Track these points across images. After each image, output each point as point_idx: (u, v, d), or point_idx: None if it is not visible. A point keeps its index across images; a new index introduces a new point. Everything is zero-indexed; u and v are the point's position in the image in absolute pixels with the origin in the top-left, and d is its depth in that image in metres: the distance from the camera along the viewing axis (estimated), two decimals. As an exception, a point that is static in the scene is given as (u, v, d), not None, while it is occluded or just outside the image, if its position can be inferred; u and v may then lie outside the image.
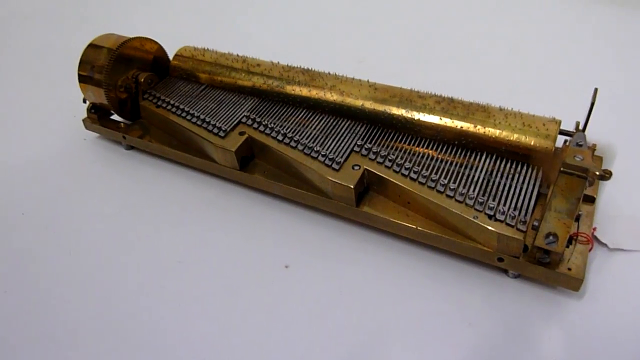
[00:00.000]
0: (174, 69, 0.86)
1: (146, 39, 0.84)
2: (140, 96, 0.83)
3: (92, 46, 0.82)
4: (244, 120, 0.74)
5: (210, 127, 0.73)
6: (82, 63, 0.81)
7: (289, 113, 0.74)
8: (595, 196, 0.62)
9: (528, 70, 0.96)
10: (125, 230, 0.70)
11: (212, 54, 0.84)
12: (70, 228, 0.71)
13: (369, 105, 0.71)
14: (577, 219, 0.60)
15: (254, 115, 0.74)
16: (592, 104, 0.61)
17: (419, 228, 0.60)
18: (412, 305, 0.57)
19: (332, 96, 0.73)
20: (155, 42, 0.85)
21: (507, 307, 0.56)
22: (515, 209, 0.56)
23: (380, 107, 0.70)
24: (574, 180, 0.47)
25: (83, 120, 0.86)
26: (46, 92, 1.05)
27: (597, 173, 0.47)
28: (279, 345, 0.54)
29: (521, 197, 0.57)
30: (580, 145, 0.52)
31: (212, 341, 0.55)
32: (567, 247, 0.57)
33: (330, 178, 0.63)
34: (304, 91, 0.74)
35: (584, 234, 0.57)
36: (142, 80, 0.82)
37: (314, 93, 0.74)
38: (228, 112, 0.76)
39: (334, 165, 0.64)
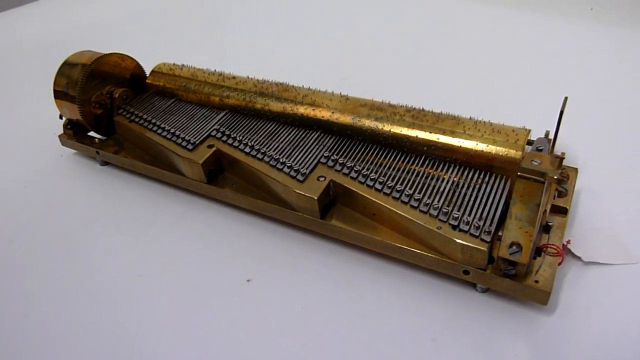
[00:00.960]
0: (151, 85, 0.87)
1: (122, 55, 0.85)
2: (115, 111, 0.83)
3: (67, 63, 0.83)
4: (213, 133, 0.74)
5: (179, 141, 0.73)
6: (57, 79, 0.82)
7: (259, 126, 0.74)
8: (567, 207, 0.61)
9: (508, 85, 0.95)
10: (91, 244, 0.70)
11: (188, 70, 0.86)
12: (39, 241, 0.71)
13: (338, 116, 0.70)
14: (548, 231, 0.59)
15: (223, 129, 0.74)
16: (562, 113, 0.60)
17: (384, 240, 0.59)
18: (376, 321, 0.55)
19: (302, 108, 0.73)
20: (132, 59, 0.87)
21: (474, 322, 0.54)
22: (480, 218, 0.55)
23: (348, 118, 0.70)
24: (531, 185, 0.46)
25: (59, 136, 0.87)
26: (28, 109, 1.07)
27: (555, 177, 0.46)
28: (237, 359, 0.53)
29: (487, 207, 0.56)
30: (540, 150, 0.51)
31: (171, 354, 0.54)
32: (535, 258, 0.55)
33: (294, 189, 0.63)
34: (275, 104, 0.75)
35: (553, 245, 0.55)
36: (117, 95, 0.83)
37: (285, 105, 0.74)
38: (198, 126, 0.76)
39: (299, 177, 0.64)
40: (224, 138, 0.72)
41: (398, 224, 0.59)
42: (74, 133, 0.86)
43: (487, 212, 0.56)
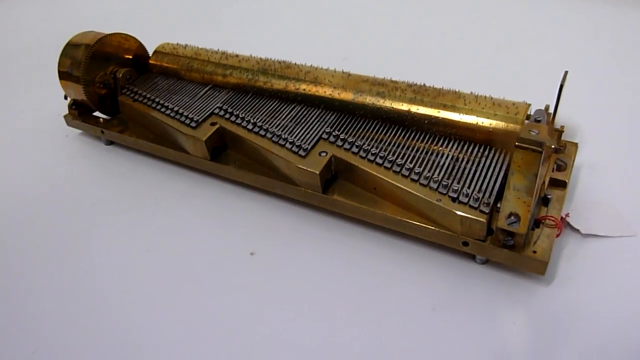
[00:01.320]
0: (154, 64, 0.88)
1: (125, 35, 0.86)
2: (119, 91, 0.85)
3: (70, 44, 0.84)
4: (216, 111, 0.75)
5: (182, 119, 0.74)
6: (62, 60, 0.83)
7: (262, 104, 0.75)
8: (566, 181, 0.62)
9: (509, 62, 0.96)
10: (98, 221, 0.71)
11: (191, 49, 0.86)
12: (46, 220, 0.73)
13: (339, 92, 0.71)
14: (547, 203, 0.60)
15: (226, 107, 0.75)
16: (561, 87, 0.61)
17: (384, 213, 0.60)
18: (377, 292, 0.57)
19: (304, 85, 0.73)
20: (135, 39, 0.87)
21: (473, 293, 0.56)
22: (479, 191, 0.56)
23: (350, 94, 0.70)
24: (529, 155, 0.47)
25: (64, 117, 0.89)
26: (33, 91, 1.08)
27: (552, 146, 0.47)
28: (240, 332, 0.54)
29: (486, 180, 0.57)
30: (539, 121, 0.52)
31: (175, 325, 0.56)
32: (533, 229, 0.56)
33: (296, 164, 0.64)
34: (277, 82, 0.75)
35: (552, 217, 0.56)
36: (120, 75, 0.84)
37: (287, 83, 0.75)
38: (202, 104, 0.77)
39: (301, 152, 0.65)
40: (227, 116, 0.73)
41: (398, 198, 0.60)
42: (78, 113, 0.88)
43: (487, 184, 0.57)
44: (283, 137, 0.67)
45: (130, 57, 0.87)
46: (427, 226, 0.58)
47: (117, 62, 0.86)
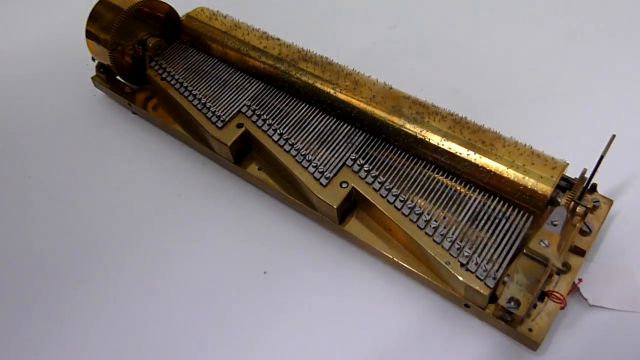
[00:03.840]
0: (184, 31, 0.90)
1: (160, 1, 0.87)
2: (147, 62, 0.89)
3: (102, 2, 0.87)
4: (244, 110, 0.79)
5: (209, 114, 0.79)
6: (90, 20, 0.86)
7: (291, 107, 0.79)
8: (586, 250, 0.66)
9: (563, 94, 0.91)
10: (118, 201, 0.81)
11: (227, 22, 0.88)
12: (69, 191, 0.83)
13: (375, 106, 0.74)
14: (559, 273, 0.65)
15: (254, 106, 0.79)
16: (602, 157, 0.62)
17: (394, 258, 0.67)
18: (378, 328, 0.65)
19: (340, 92, 0.76)
20: (166, 3, 0.89)
21: (466, 348, 0.64)
22: (489, 261, 0.62)
23: (385, 110, 0.73)
24: (534, 264, 0.51)
25: (92, 79, 0.94)
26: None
27: (556, 266, 0.51)
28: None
29: (499, 249, 0.62)
30: (555, 225, 0.55)
31: (182, 335, 0.67)
32: (535, 307, 0.62)
33: (316, 193, 0.70)
34: (311, 83, 0.78)
35: (558, 294, 0.62)
36: (150, 45, 0.88)
37: (322, 86, 0.77)
38: (230, 98, 0.81)
39: (322, 180, 0.70)
40: (254, 118, 0.78)
41: (411, 245, 0.66)
42: (106, 78, 0.93)
43: (498, 255, 0.62)
44: (307, 158, 0.72)
45: (161, 22, 0.90)
46: (433, 281, 0.65)
47: (147, 27, 0.89)
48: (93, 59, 0.92)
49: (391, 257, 0.67)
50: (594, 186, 0.70)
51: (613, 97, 0.88)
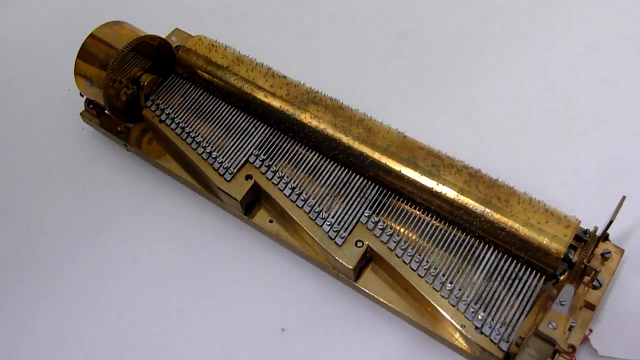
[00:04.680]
0: (180, 64, 0.95)
1: (153, 36, 0.92)
2: (142, 101, 0.94)
3: (96, 37, 0.90)
4: (251, 159, 0.86)
5: (216, 165, 0.86)
6: (82, 53, 0.90)
7: (300, 155, 0.86)
8: (595, 305, 0.77)
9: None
10: (112, 249, 0.89)
11: (229, 55, 0.93)
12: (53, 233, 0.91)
13: (386, 161, 0.82)
14: (570, 329, 0.76)
15: (263, 156, 0.86)
16: (611, 221, 0.72)
17: (411, 318, 0.77)
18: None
19: (352, 142, 0.84)
20: (158, 36, 0.93)
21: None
22: (502, 324, 0.72)
23: (400, 161, 0.82)
24: (543, 344, 0.62)
25: (81, 115, 0.99)
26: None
27: (564, 349, 0.62)
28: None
29: (512, 312, 0.73)
30: (563, 305, 0.66)
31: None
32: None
33: (332, 254, 0.79)
34: (323, 129, 0.85)
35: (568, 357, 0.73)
36: (146, 83, 0.93)
37: (334, 133, 0.85)
38: (236, 145, 0.88)
39: (338, 240, 0.79)
40: (263, 169, 0.85)
41: (427, 306, 0.76)
42: (97, 114, 0.98)
43: (511, 318, 0.73)
44: (322, 215, 0.81)
45: (153, 54, 0.94)
46: (449, 341, 0.75)
47: (140, 61, 0.93)
48: (81, 95, 0.97)
49: (408, 316, 0.77)
50: (606, 236, 0.80)
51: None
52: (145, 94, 0.94)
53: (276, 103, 0.89)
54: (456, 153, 0.84)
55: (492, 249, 0.77)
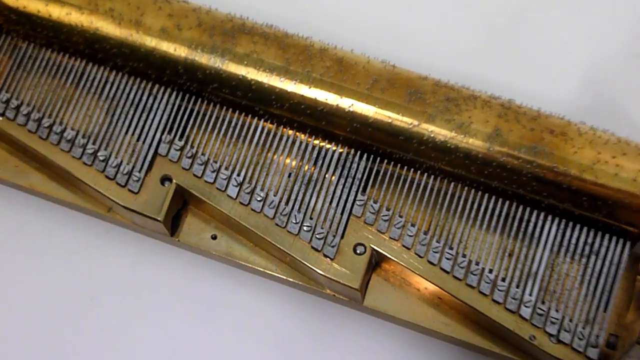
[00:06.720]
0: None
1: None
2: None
3: None
4: (162, 150, 0.74)
5: (110, 172, 0.74)
6: None
7: (238, 129, 0.75)
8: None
9: None
10: None
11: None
12: None
13: (368, 111, 0.72)
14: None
15: (178, 140, 0.75)
16: None
17: (452, 336, 0.72)
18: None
19: (316, 87, 0.72)
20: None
21: None
22: (586, 322, 0.68)
23: (395, 107, 0.71)
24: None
25: None
26: None
27: None
28: None
29: (594, 302, 0.68)
30: None
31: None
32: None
33: (324, 274, 0.70)
34: (266, 77, 0.73)
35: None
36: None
37: (286, 83, 0.73)
38: (131, 133, 0.75)
39: (327, 250, 0.70)
40: (184, 163, 0.74)
41: (473, 317, 0.71)
42: None
43: (595, 308, 0.68)
44: (294, 219, 0.71)
45: None
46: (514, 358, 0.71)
47: None
48: None
49: (449, 335, 0.72)
50: None
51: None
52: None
53: (182, 44, 0.74)
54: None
55: (551, 214, 0.70)
